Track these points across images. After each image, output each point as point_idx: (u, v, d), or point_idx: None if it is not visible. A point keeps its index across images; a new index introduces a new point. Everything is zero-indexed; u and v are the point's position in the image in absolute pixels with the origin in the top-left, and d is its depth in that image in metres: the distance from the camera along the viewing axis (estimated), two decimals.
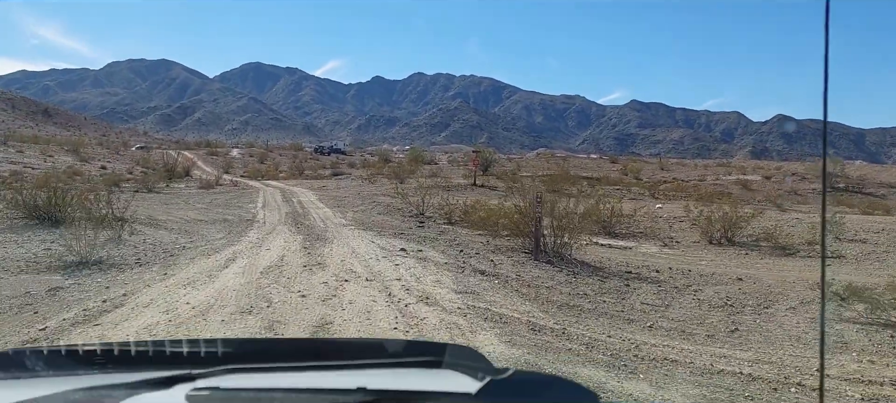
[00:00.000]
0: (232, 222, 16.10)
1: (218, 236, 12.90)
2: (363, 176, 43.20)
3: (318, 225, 15.86)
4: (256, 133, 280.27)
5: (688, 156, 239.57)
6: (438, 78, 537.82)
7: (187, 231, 13.72)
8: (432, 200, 20.46)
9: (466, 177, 38.53)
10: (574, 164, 61.32)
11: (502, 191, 33.86)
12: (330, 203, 23.44)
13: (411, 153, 69.96)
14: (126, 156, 63.11)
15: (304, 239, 12.35)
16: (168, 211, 18.54)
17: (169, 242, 11.84)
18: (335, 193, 28.79)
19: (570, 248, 10.22)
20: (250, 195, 26.67)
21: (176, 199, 23.40)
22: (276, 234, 13.38)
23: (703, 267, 11.09)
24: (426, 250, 11.06)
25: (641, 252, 13.44)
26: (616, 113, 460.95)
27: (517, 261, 9.90)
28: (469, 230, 15.98)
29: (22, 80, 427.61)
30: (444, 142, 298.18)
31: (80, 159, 53.93)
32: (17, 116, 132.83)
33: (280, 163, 61.04)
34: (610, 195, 36.22)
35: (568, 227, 10.23)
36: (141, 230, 13.37)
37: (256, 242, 11.91)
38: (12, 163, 44.14)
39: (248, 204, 22.10)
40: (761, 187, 40.20)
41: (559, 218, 10.30)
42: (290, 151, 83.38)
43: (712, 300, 7.86)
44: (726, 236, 15.16)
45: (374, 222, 17.22)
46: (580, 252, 10.38)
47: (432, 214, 19.89)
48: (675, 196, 34.39)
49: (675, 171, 59.53)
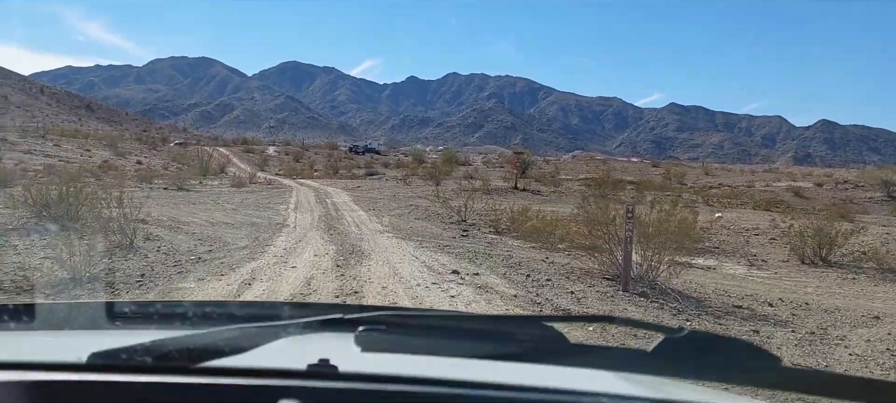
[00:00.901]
0: (260, 226, 14.71)
1: (241, 244, 11.45)
2: (397, 176, 41.76)
3: (353, 232, 14.36)
4: (293, 131, 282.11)
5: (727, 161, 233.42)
6: (473, 78, 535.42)
7: (209, 236, 12.32)
8: (474, 205, 18.79)
9: (505, 179, 36.70)
10: (614, 167, 58.94)
11: (547, 196, 31.98)
12: (364, 205, 22.00)
13: (445, 154, 68.48)
14: (163, 151, 62.95)
15: (337, 252, 10.82)
16: (194, 212, 17.25)
17: (185, 251, 10.43)
18: (370, 194, 27.37)
19: (658, 272, 8.43)
20: (283, 195, 25.40)
21: (205, 198, 22.21)
22: (306, 244, 11.88)
23: (816, 298, 9.21)
24: (483, 272, 9.34)
25: (728, 273, 11.58)
26: (654, 115, 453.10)
27: (603, 293, 8.09)
28: (520, 242, 14.28)
29: (68, 75, 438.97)
30: (477, 142, 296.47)
31: (116, 154, 53.75)
32: (61, 110, 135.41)
33: (315, 162, 60.11)
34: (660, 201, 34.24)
35: (663, 245, 8.44)
36: (158, 235, 12.01)
37: (282, 255, 10.42)
38: (48, 157, 43.90)
39: (279, 205, 20.77)
40: (815, 194, 37.79)
41: (652, 236, 8.52)
42: (325, 150, 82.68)
43: (871, 354, 6.04)
44: (820, 255, 13.19)
45: (412, 229, 15.67)
46: (670, 276, 8.58)
47: (475, 221, 18.26)
48: (729, 203, 32.17)
49: (719, 176, 56.76)
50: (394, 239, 13.23)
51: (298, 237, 12.95)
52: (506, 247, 13.09)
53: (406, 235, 14.18)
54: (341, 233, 13.90)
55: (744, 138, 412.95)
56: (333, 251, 10.93)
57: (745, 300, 8.53)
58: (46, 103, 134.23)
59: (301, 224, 15.63)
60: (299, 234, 13.45)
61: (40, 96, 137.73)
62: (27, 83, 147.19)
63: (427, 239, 13.56)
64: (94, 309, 1.72)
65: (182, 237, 12.06)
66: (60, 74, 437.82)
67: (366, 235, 13.84)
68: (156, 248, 10.61)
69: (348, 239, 12.94)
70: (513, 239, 14.82)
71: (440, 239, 13.86)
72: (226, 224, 14.91)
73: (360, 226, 15.74)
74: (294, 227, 14.92)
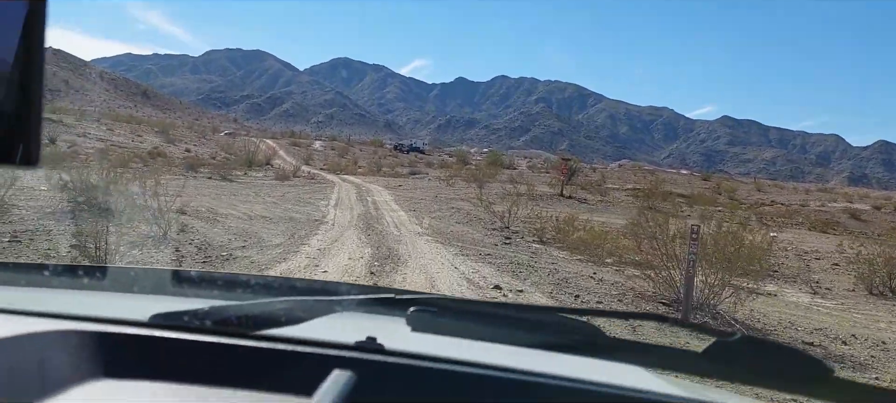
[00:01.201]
0: (298, 222, 14.41)
1: (276, 241, 11.11)
2: (441, 177, 41.28)
3: (391, 233, 13.92)
4: (340, 127, 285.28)
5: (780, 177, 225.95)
6: (522, 82, 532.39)
7: (245, 231, 12.04)
8: (518, 211, 18.14)
9: (551, 185, 35.78)
10: (662, 179, 57.00)
11: (593, 205, 31.03)
12: (405, 205, 21.58)
13: (490, 156, 67.81)
14: (212, 140, 64.01)
15: (373, 256, 10.36)
16: (234, 203, 17.09)
17: (218, 245, 10.13)
18: (411, 194, 26.97)
19: (721, 299, 7.67)
20: (324, 191, 25.20)
21: (247, 190, 22.14)
22: (342, 245, 11.47)
23: (891, 335, 8.32)
24: (527, 289, 8.73)
25: (791, 301, 10.69)
26: (705, 128, 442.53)
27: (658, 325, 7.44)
28: (566, 253, 13.60)
29: (127, 62, 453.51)
30: (523, 146, 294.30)
31: (166, 140, 54.83)
32: (118, 96, 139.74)
33: (359, 159, 60.19)
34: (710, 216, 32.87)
35: (728, 270, 7.67)
36: (194, 226, 11.77)
37: (316, 256, 10.02)
38: (101, 141, 44.93)
39: (320, 201, 20.52)
40: (873, 218, 35.83)
41: (716, 257, 7.76)
42: (371, 147, 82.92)
43: None
44: (890, 285, 12.16)
45: (453, 233, 15.15)
46: (735, 305, 7.81)
47: (519, 228, 17.62)
48: (784, 222, 30.68)
49: (772, 193, 54.44)
50: (433, 244, 12.73)
51: (335, 236, 12.56)
52: (550, 259, 12.44)
53: (446, 240, 13.67)
54: (379, 234, 13.47)
55: (797, 155, 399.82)
56: (369, 254, 10.48)
57: (815, 335, 7.72)
58: (104, 89, 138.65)
59: (339, 222, 15.28)
60: (336, 233, 13.07)
61: (99, 81, 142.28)
62: (87, 68, 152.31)
63: (468, 246, 13.02)
64: (161, 274, 1.83)
65: (217, 230, 11.80)
66: (120, 61, 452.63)
67: (404, 237, 13.37)
68: (189, 241, 10.35)
69: (386, 241, 12.49)
70: (558, 250, 14.15)
71: (481, 246, 13.30)
72: (264, 217, 14.65)
73: (399, 228, 15.29)
74: (332, 225, 14.57)
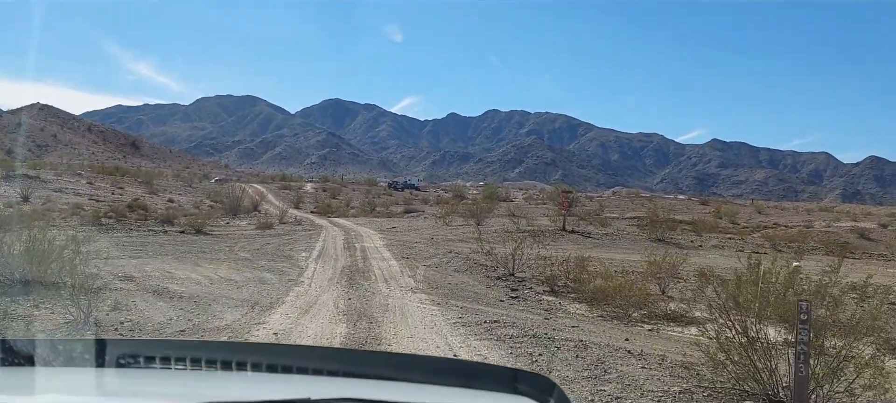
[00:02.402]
0: (267, 284, 12.27)
1: (227, 320, 8.92)
2: (437, 214, 39.16)
3: (379, 292, 11.80)
4: (334, 167, 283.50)
5: (773, 198, 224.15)
6: (513, 115, 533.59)
7: (196, 304, 9.87)
8: (522, 254, 15.96)
9: (550, 218, 33.64)
10: (661, 205, 54.76)
11: (598, 238, 28.85)
12: (397, 251, 19.45)
13: (485, 189, 65.91)
14: (198, 189, 61.83)
15: (349, 333, 8.23)
16: (197, 264, 14.91)
17: (152, 329, 8.00)
18: (405, 237, 24.84)
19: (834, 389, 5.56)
20: (308, 239, 23.04)
21: (220, 245, 19.97)
22: (313, 317, 9.33)
23: None
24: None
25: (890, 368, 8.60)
26: (696, 152, 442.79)
27: None
28: (585, 307, 11.47)
29: (117, 114, 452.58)
30: (517, 178, 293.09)
31: (149, 191, 52.65)
32: (108, 148, 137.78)
33: (352, 199, 58.08)
34: (723, 246, 30.71)
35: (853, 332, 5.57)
36: (132, 303, 9.60)
37: (274, 338, 7.89)
38: (78, 195, 42.72)
39: (301, 253, 18.39)
40: (881, 236, 34.01)
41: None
42: (364, 186, 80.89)
43: None
44: None
45: (451, 287, 13.03)
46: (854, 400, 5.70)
47: (525, 272, 15.50)
48: (800, 248, 28.50)
49: (773, 215, 52.39)
50: (427, 306, 10.60)
51: (308, 303, 10.41)
52: (570, 319, 10.30)
53: (443, 297, 11.54)
54: (363, 296, 11.33)
55: (789, 174, 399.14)
56: (344, 332, 8.33)
57: None
58: (93, 141, 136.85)
59: (318, 280, 13.13)
60: (310, 298, 10.92)
61: (87, 134, 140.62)
62: (76, 121, 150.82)
63: (469, 305, 10.89)
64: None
65: (162, 305, 9.64)
66: (110, 113, 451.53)
67: (393, 297, 11.24)
68: (119, 323, 8.21)
69: (370, 305, 10.36)
70: (574, 302, 12.03)
71: (486, 303, 11.19)
72: (227, 281, 12.51)
73: (388, 282, 13.17)
74: (309, 285, 12.43)
